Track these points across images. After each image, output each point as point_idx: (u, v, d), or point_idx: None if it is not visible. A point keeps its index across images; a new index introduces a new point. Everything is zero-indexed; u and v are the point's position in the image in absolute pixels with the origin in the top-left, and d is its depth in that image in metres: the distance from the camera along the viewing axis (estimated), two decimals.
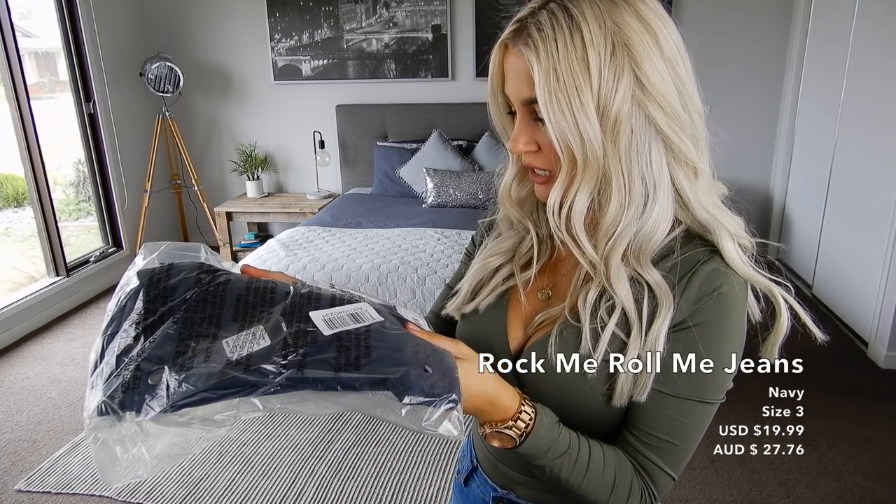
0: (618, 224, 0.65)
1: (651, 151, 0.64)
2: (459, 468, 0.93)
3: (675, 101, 0.64)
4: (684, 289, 0.65)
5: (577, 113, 0.61)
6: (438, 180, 3.72)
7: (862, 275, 2.96)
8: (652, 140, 0.64)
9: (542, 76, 0.61)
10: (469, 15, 4.06)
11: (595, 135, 0.62)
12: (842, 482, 2.08)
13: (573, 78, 0.61)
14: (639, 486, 0.68)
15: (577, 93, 0.61)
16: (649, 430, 0.67)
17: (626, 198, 0.65)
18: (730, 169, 4.22)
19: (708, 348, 0.64)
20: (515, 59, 0.64)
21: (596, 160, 0.63)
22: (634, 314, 0.66)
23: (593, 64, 0.61)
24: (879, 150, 2.86)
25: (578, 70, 0.61)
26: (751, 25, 3.86)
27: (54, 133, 3.82)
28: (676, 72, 0.64)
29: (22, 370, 2.95)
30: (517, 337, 0.76)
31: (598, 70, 0.61)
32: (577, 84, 0.61)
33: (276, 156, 4.54)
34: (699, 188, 0.67)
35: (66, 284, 3.59)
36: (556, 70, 0.61)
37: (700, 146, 0.67)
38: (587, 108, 0.61)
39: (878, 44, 2.90)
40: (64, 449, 2.34)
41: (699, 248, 0.67)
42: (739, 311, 0.66)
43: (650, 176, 0.65)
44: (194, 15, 4.29)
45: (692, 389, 0.66)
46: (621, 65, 0.61)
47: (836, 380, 2.66)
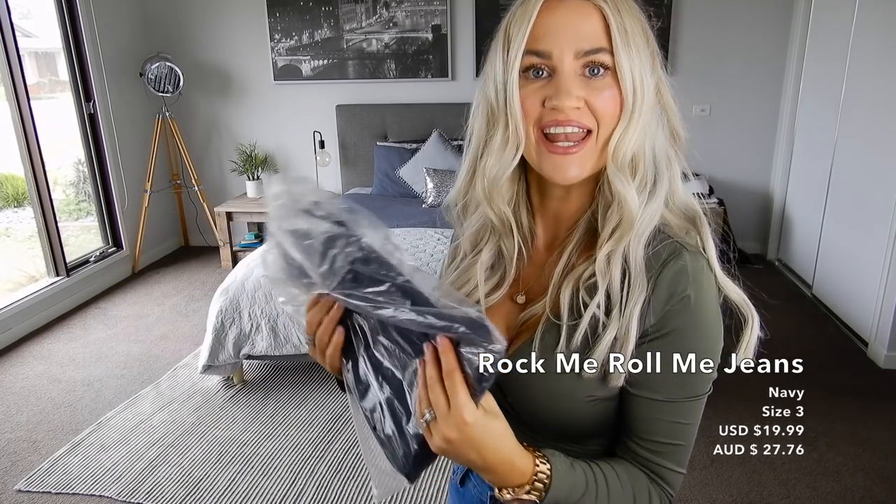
0: (633, 203, 0.67)
1: (659, 131, 0.69)
2: (455, 468, 0.93)
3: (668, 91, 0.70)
4: (654, 286, 0.65)
5: (643, 65, 0.65)
6: (438, 180, 3.72)
7: (862, 275, 2.96)
8: (660, 121, 0.69)
9: (617, 25, 0.64)
10: (469, 15, 4.06)
11: (650, 96, 0.66)
12: (842, 482, 2.08)
13: (637, 37, 0.65)
14: (656, 491, 0.69)
15: (642, 52, 0.65)
16: (652, 438, 0.68)
17: (643, 176, 0.68)
18: (730, 169, 4.26)
19: (689, 349, 0.65)
20: (575, 10, 0.65)
21: (647, 114, 0.67)
22: (618, 292, 0.66)
23: (647, 28, 0.67)
24: (879, 149, 2.86)
25: (638, 29, 0.66)
26: (751, 25, 3.86)
27: (54, 133, 3.82)
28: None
29: (22, 370, 2.95)
30: None
31: (648, 38, 0.67)
32: (639, 41, 0.65)
33: (276, 156, 4.54)
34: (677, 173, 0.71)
35: (66, 284, 3.59)
36: (625, 23, 0.64)
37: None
38: (647, 68, 0.66)
39: (879, 43, 2.90)
40: (64, 449, 2.34)
41: (673, 241, 0.68)
42: (711, 307, 0.66)
43: (658, 154, 0.69)
44: (194, 15, 4.29)
45: (683, 391, 0.66)
46: (649, 42, 0.67)
47: (836, 380, 2.66)
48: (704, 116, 4.02)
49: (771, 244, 4.15)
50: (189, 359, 3.01)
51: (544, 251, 0.77)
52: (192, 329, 3.32)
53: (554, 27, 0.64)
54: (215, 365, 2.62)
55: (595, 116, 0.65)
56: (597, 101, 0.65)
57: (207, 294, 3.67)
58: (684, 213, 0.71)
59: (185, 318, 3.49)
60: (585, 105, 0.65)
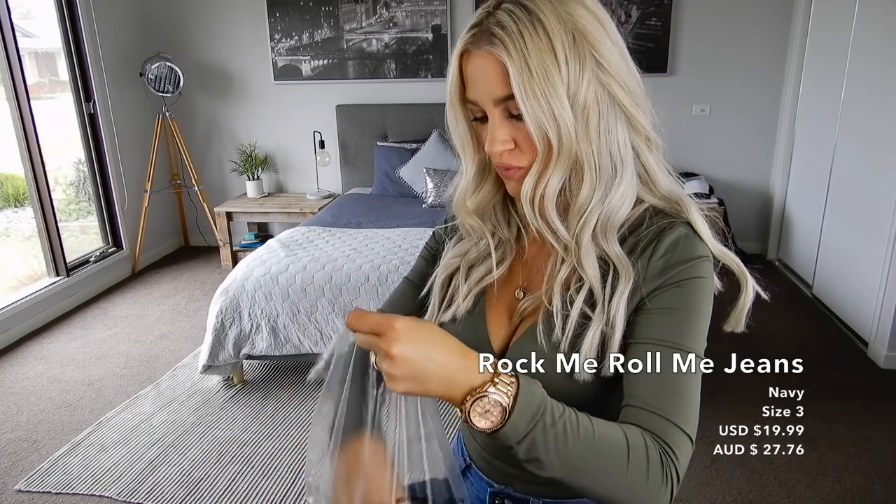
0: (589, 202, 0.68)
1: (618, 130, 0.68)
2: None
3: (630, 79, 0.68)
4: (650, 257, 0.68)
5: (553, 102, 0.64)
6: (438, 180, 3.72)
7: (862, 275, 2.96)
8: (617, 119, 0.68)
9: (516, 70, 0.63)
10: (469, 15, 4.05)
11: (569, 121, 0.65)
12: (842, 482, 2.08)
13: (544, 69, 0.63)
14: (655, 448, 0.61)
15: (550, 82, 0.63)
16: (646, 393, 0.65)
17: (596, 177, 0.68)
18: (730, 169, 4.25)
19: (681, 306, 0.67)
20: (482, 62, 0.66)
21: (570, 145, 0.66)
22: (599, 290, 0.69)
23: (559, 53, 0.63)
24: (879, 150, 2.86)
25: (548, 61, 0.63)
26: (751, 25, 3.86)
27: (54, 133, 3.82)
28: (623, 54, 0.68)
29: (22, 370, 2.95)
30: (500, 337, 0.77)
31: (564, 58, 0.63)
32: (549, 74, 0.63)
33: (276, 156, 4.54)
34: (659, 160, 0.72)
35: (66, 284, 3.59)
36: (527, 63, 0.63)
37: (653, 122, 0.71)
38: (560, 95, 0.64)
39: (878, 44, 2.90)
40: (64, 449, 2.34)
41: (667, 219, 0.71)
42: (707, 279, 0.68)
43: (616, 153, 0.68)
44: (194, 15, 4.29)
45: (672, 336, 0.66)
46: (582, 52, 0.64)
47: (836, 380, 2.66)
48: (704, 116, 4.02)
49: (771, 244, 4.15)
50: (189, 359, 3.01)
51: (538, 247, 0.79)
52: (192, 329, 3.32)
53: (472, 78, 0.69)
54: (215, 365, 2.62)
55: (527, 154, 0.69)
56: (522, 142, 0.68)
57: (207, 294, 3.67)
58: (668, 197, 0.73)
59: (185, 318, 3.49)
60: (516, 146, 0.69)
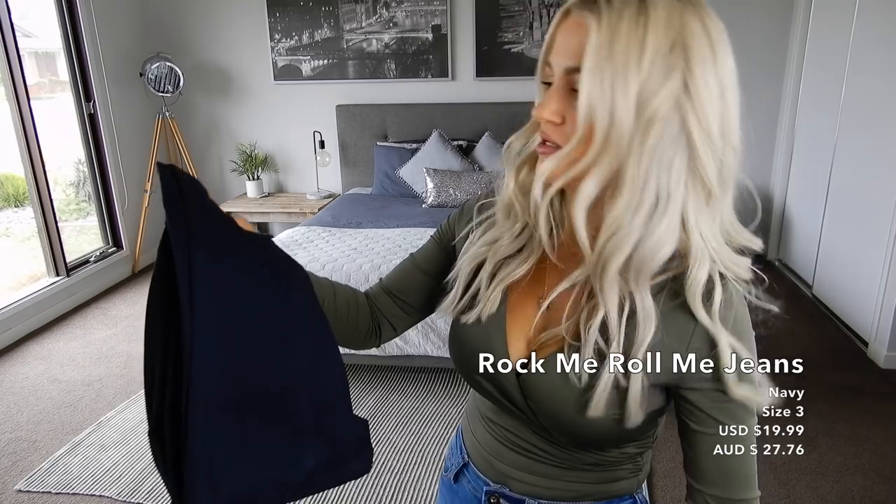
0: (621, 224, 0.61)
1: (674, 161, 0.61)
2: (447, 465, 0.93)
3: (715, 122, 0.62)
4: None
5: (617, 93, 0.58)
6: (438, 180, 3.72)
7: (862, 275, 2.96)
8: (679, 150, 0.61)
9: (595, 45, 0.58)
10: (469, 15, 4.06)
11: (627, 121, 0.59)
12: (842, 482, 2.08)
13: (626, 57, 0.58)
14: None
15: (625, 73, 0.58)
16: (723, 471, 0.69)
17: (636, 200, 0.60)
18: None
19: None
20: (572, 27, 0.62)
21: (618, 147, 0.59)
22: (615, 327, 0.65)
23: (649, 51, 0.58)
24: (879, 150, 2.86)
25: (633, 52, 0.58)
26: (751, 25, 3.86)
27: (54, 133, 3.81)
28: (724, 97, 0.62)
29: (22, 370, 2.95)
30: (518, 350, 0.74)
31: (651, 59, 0.58)
32: (628, 65, 0.58)
33: (276, 156, 4.54)
34: (705, 214, 0.64)
35: (66, 284, 3.59)
36: (612, 43, 0.58)
37: (724, 177, 0.64)
38: (629, 92, 0.58)
39: (879, 44, 2.90)
40: (64, 449, 2.34)
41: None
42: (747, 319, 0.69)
43: (665, 186, 0.61)
44: (194, 15, 4.29)
45: (746, 411, 0.68)
46: (676, 64, 0.58)
47: (836, 380, 2.66)
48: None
49: (771, 244, 4.15)
50: None
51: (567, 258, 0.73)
52: None
53: (558, 40, 0.64)
54: None
55: (571, 137, 0.63)
56: (571, 122, 0.63)
57: None
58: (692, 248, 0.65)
59: None
60: (564, 123, 0.64)
